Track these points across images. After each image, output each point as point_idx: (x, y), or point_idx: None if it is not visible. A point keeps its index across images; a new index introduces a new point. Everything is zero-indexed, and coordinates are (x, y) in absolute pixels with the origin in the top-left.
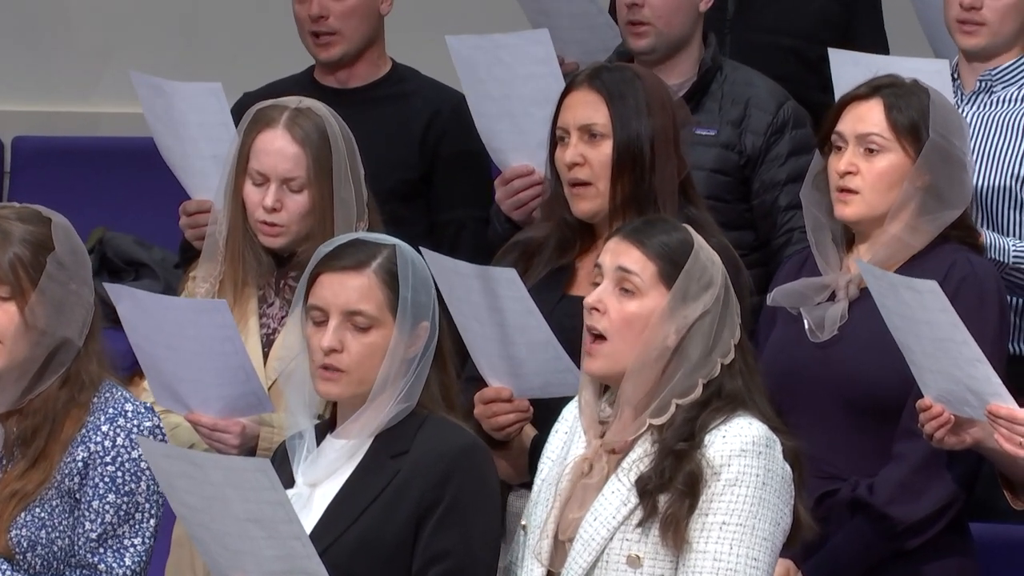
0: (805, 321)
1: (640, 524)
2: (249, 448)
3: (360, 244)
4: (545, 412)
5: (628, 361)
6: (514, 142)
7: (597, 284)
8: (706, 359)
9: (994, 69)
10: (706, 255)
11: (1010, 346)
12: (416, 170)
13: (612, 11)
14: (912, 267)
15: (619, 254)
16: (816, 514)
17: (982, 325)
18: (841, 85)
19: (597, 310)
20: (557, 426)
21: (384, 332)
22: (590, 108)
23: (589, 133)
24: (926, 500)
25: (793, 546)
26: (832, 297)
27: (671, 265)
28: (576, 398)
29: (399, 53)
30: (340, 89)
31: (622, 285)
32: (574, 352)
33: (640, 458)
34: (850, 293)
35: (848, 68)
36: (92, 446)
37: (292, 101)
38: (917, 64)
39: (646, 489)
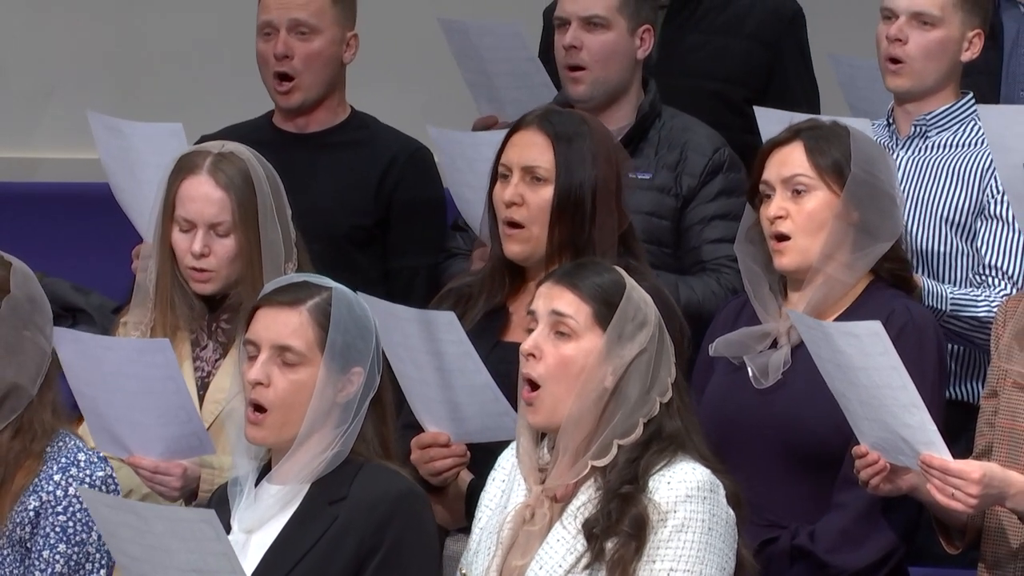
0: (749, 369)
1: (587, 567)
2: (191, 490)
3: (303, 284)
4: (484, 456)
5: (567, 407)
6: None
7: (532, 330)
8: (645, 398)
9: (928, 114)
10: (639, 295)
11: (950, 390)
12: (371, 216)
13: (545, 58)
14: (851, 315)
15: (552, 298)
16: (756, 561)
17: (922, 373)
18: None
19: (533, 356)
20: (494, 474)
21: (313, 371)
22: (536, 150)
23: (532, 175)
24: (867, 548)
25: None
26: (774, 344)
27: (605, 306)
28: (513, 444)
29: (359, 101)
30: (298, 134)
31: (557, 329)
32: (510, 398)
33: (584, 504)
34: (792, 339)
35: (774, 125)
36: (44, 495)
37: (215, 146)
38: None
39: (593, 532)
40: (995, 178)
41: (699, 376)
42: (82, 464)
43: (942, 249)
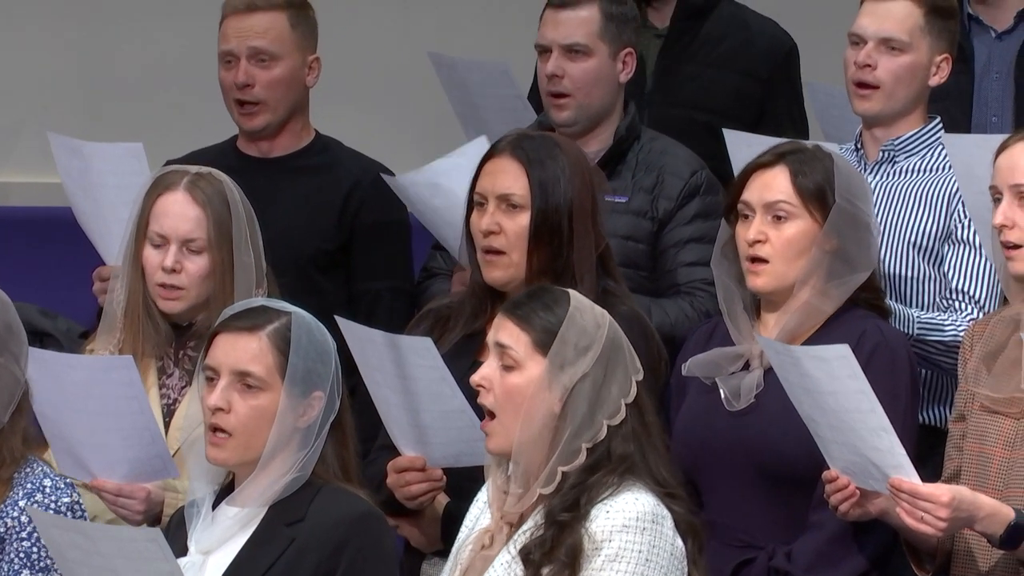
0: (721, 390)
1: None
2: (154, 514)
3: (261, 309)
4: (463, 481)
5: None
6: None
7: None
8: (590, 422)
9: (896, 139)
10: (585, 319)
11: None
12: (335, 240)
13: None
14: (822, 335)
15: (498, 329)
16: None
17: (894, 393)
18: (738, 164)
19: (483, 387)
20: (479, 494)
21: (273, 397)
22: (510, 177)
23: (507, 202)
24: (844, 568)
25: None
26: (747, 366)
27: (546, 334)
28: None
29: (323, 124)
30: (262, 158)
31: (502, 361)
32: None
33: (530, 529)
34: (764, 362)
35: (742, 149)
36: (8, 521)
37: (192, 167)
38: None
39: (529, 559)
40: (962, 203)
41: (670, 399)
42: (47, 490)
43: (910, 274)
